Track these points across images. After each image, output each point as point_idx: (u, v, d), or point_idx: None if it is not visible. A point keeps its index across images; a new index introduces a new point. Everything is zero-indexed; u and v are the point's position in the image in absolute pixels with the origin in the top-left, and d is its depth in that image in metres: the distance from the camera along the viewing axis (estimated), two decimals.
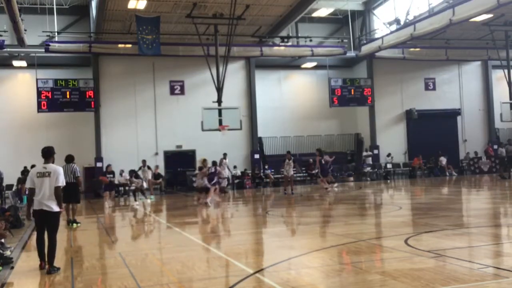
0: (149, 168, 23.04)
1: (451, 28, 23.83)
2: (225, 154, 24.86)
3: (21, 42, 23.24)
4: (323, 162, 20.64)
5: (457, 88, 32.32)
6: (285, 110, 30.33)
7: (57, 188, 7.60)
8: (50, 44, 24.35)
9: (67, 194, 13.40)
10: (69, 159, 13.32)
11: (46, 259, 7.56)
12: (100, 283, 6.72)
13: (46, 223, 7.63)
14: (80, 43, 25.27)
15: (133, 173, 22.04)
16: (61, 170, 7.78)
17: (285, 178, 21.32)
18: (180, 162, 27.95)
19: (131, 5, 22.03)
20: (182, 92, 28.19)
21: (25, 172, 20.86)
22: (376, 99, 30.05)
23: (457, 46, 29.39)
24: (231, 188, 26.15)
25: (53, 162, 7.91)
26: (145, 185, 21.58)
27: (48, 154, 7.89)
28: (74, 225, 12.96)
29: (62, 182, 7.70)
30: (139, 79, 27.53)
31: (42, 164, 7.79)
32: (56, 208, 7.60)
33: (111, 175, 21.49)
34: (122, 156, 26.50)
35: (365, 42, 29.29)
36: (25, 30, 22.69)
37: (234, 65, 27.56)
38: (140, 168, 23.05)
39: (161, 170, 26.81)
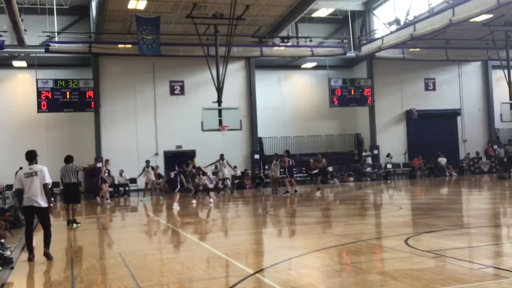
0: (152, 168, 22.98)
1: (451, 28, 23.79)
2: (221, 155, 24.67)
3: (21, 42, 23.21)
4: (290, 163, 21.06)
5: (457, 88, 32.31)
6: (285, 110, 30.32)
7: (45, 185, 8.52)
8: (50, 44, 24.34)
9: (67, 195, 13.47)
10: (68, 159, 13.31)
11: (44, 243, 8.52)
12: (100, 283, 6.71)
13: (39, 217, 8.59)
14: (80, 43, 25.26)
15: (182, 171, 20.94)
16: (46, 169, 8.65)
17: (271, 178, 22.21)
18: (180, 162, 27.86)
19: (131, 5, 22.02)
20: (182, 92, 28.17)
21: None
22: (376, 99, 30.04)
23: (457, 46, 29.37)
24: (231, 188, 26.12)
25: (36, 163, 8.81)
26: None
27: (32, 156, 8.82)
28: (74, 225, 12.97)
29: (48, 179, 8.59)
30: (139, 79, 27.51)
31: (28, 166, 8.67)
32: (44, 204, 8.47)
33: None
34: (122, 156, 26.48)
35: (365, 42, 29.27)
36: (25, 30, 22.67)
37: (234, 65, 27.53)
38: (144, 169, 22.90)
39: (161, 170, 26.78)
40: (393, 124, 31.13)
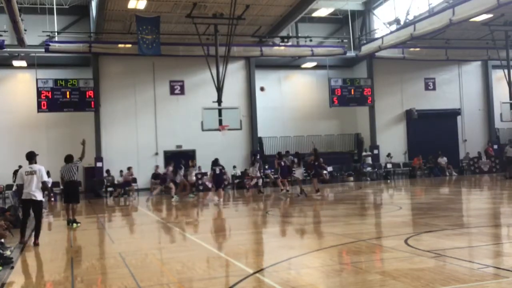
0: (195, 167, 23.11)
1: (451, 28, 23.81)
2: (255, 155, 24.84)
3: (21, 42, 23.22)
4: (282, 164, 21.29)
5: (457, 88, 32.31)
6: (285, 110, 30.32)
7: (43, 182, 10.02)
8: (50, 44, 24.33)
9: (67, 194, 13.48)
10: (68, 159, 13.30)
11: (34, 235, 10.01)
12: (100, 283, 6.71)
13: (33, 208, 10.05)
14: (80, 43, 25.25)
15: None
16: (43, 168, 10.10)
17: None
18: (180, 162, 27.88)
19: (131, 5, 22.03)
20: (182, 92, 28.18)
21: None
22: (376, 99, 30.04)
23: (457, 46, 29.37)
24: (231, 188, 26.15)
25: (35, 163, 10.18)
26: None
27: (31, 157, 10.23)
28: (74, 225, 12.96)
29: (45, 177, 10.12)
30: (139, 79, 27.52)
31: (28, 165, 10.04)
32: (39, 198, 9.97)
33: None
34: (122, 156, 26.51)
35: (365, 42, 29.28)
36: (25, 30, 22.66)
37: (234, 65, 27.54)
38: (188, 167, 22.56)
39: (161, 170, 26.77)
40: (393, 124, 31.13)
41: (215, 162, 19.21)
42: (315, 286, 6.09)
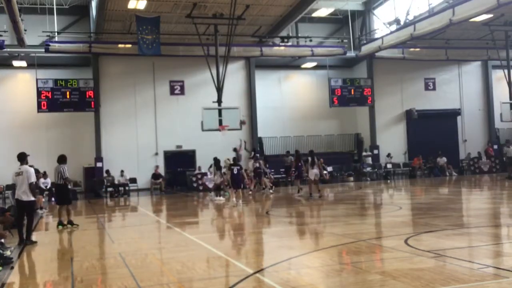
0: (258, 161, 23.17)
1: (451, 28, 23.80)
2: (254, 153, 25.03)
3: (21, 42, 23.20)
4: (266, 165, 21.82)
5: (457, 88, 32.31)
6: (285, 110, 30.32)
7: (30, 184, 10.03)
8: (50, 44, 24.32)
9: (56, 196, 13.55)
10: (60, 160, 13.14)
11: (24, 235, 10.03)
12: (100, 283, 6.72)
13: (24, 209, 10.15)
14: (80, 43, 25.24)
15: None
16: (31, 170, 10.21)
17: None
18: (180, 162, 27.95)
19: (131, 5, 22.02)
20: (182, 92, 28.19)
21: None
22: (376, 99, 30.04)
23: (457, 46, 29.37)
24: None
25: (26, 164, 10.40)
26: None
27: (21, 158, 10.42)
28: (69, 226, 12.82)
29: (33, 179, 10.13)
30: (139, 79, 27.52)
31: (18, 166, 10.28)
32: (26, 198, 10.00)
33: None
34: (122, 156, 26.51)
35: (365, 42, 29.27)
36: (25, 30, 22.65)
37: (234, 65, 27.54)
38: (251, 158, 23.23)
39: (161, 170, 26.83)
40: (393, 124, 31.13)
41: (233, 162, 18.24)
42: (315, 286, 6.09)
